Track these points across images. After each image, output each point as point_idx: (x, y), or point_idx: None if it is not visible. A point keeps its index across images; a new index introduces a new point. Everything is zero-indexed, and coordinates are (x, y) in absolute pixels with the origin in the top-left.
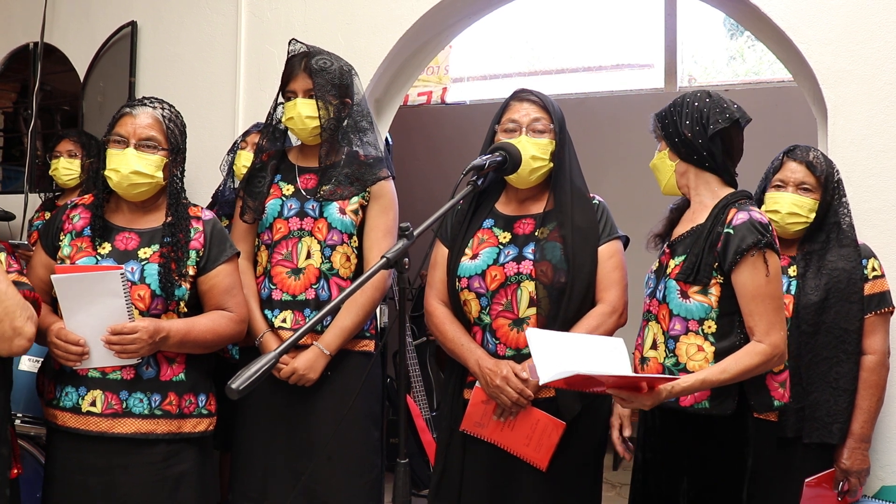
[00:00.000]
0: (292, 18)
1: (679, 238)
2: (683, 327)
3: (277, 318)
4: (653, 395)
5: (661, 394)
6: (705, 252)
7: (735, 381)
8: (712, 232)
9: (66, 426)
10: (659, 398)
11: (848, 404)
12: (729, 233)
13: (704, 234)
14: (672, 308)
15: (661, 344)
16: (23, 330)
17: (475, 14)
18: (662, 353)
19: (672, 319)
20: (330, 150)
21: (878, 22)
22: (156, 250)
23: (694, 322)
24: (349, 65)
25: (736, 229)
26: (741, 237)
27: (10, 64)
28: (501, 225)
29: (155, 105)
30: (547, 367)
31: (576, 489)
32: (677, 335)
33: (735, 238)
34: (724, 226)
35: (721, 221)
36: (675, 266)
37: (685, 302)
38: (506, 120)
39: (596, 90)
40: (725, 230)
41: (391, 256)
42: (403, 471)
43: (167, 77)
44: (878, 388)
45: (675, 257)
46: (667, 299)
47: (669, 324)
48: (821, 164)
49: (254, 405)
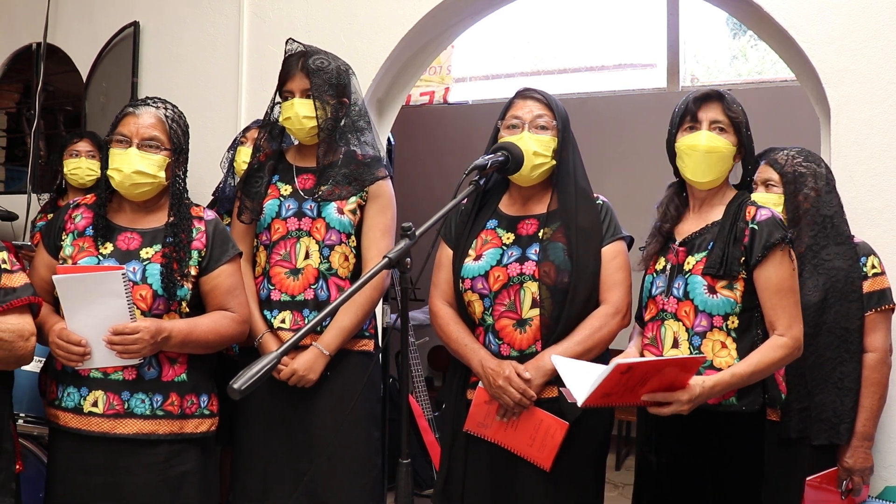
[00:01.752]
0: (294, 18)
1: (693, 236)
2: (709, 323)
3: (276, 318)
4: (688, 392)
5: (695, 390)
6: (730, 247)
7: (763, 377)
8: (734, 227)
9: (68, 426)
10: (694, 394)
11: (854, 404)
12: (754, 228)
13: (727, 229)
14: (698, 304)
15: (685, 341)
16: (25, 356)
17: (477, 14)
18: (686, 350)
19: (698, 316)
20: (328, 149)
21: (881, 21)
22: (158, 250)
23: (719, 318)
24: (346, 64)
25: (761, 225)
26: (768, 232)
27: (14, 64)
28: (505, 226)
29: (158, 105)
30: (580, 387)
31: (579, 489)
32: (703, 331)
33: (762, 233)
34: (748, 222)
35: (741, 217)
36: (697, 262)
37: (712, 297)
38: (509, 116)
39: (598, 90)
40: (751, 226)
41: (393, 256)
42: (406, 471)
43: (170, 77)
44: (881, 386)
45: (693, 254)
46: (690, 296)
47: (695, 320)
48: (786, 162)
49: (254, 405)
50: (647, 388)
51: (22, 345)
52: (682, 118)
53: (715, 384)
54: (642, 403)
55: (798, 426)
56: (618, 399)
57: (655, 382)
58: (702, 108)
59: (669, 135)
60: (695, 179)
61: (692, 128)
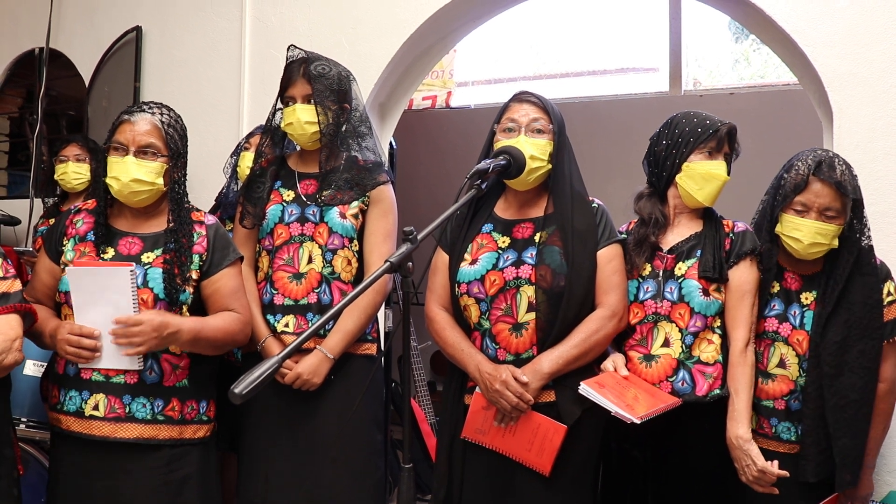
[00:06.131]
0: (296, 23)
1: (679, 244)
2: (703, 324)
3: (280, 322)
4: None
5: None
6: (718, 252)
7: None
8: (717, 236)
9: (69, 430)
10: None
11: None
12: (733, 238)
13: (712, 237)
14: (694, 306)
15: (677, 341)
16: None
17: (479, 18)
18: (678, 349)
19: (693, 317)
20: (329, 155)
21: (884, 24)
22: (159, 254)
23: (711, 318)
24: (347, 70)
25: (738, 235)
26: (742, 242)
27: (16, 69)
28: (500, 230)
29: (154, 111)
30: (626, 407)
31: (577, 493)
32: (696, 332)
33: (737, 242)
34: (727, 233)
35: (721, 228)
36: (690, 268)
37: (706, 299)
38: (505, 120)
39: (601, 94)
40: (730, 235)
41: (395, 260)
42: (408, 475)
43: (172, 82)
44: (887, 417)
45: (684, 261)
46: (685, 298)
47: (689, 321)
48: (850, 182)
49: (257, 409)
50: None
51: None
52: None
53: (744, 419)
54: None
55: (816, 470)
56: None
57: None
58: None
59: (676, 152)
60: (699, 200)
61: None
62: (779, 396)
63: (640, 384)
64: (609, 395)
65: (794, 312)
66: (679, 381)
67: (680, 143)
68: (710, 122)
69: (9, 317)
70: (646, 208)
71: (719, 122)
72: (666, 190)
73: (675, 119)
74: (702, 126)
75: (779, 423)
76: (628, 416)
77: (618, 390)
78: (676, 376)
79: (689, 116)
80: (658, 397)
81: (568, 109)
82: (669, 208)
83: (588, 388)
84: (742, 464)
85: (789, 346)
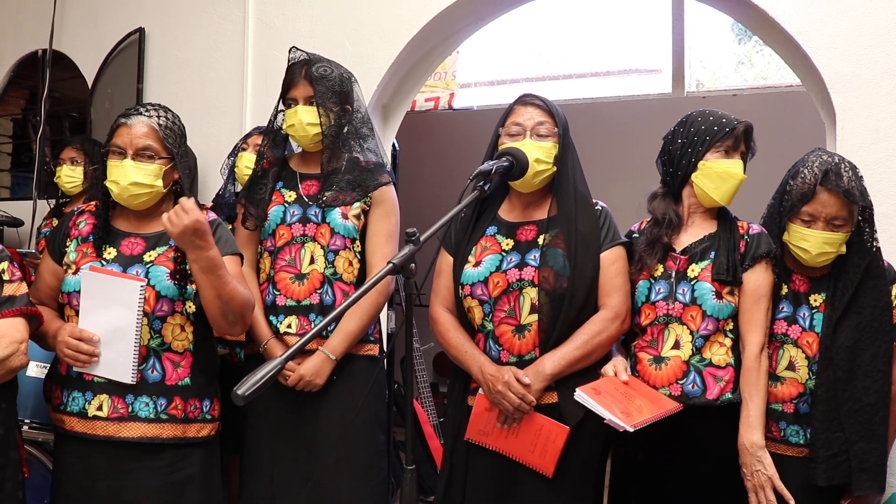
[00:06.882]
0: (299, 24)
1: (693, 245)
2: (715, 327)
3: (282, 323)
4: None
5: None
6: (732, 254)
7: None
8: (732, 238)
9: (73, 431)
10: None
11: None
12: (748, 240)
13: (726, 239)
14: (706, 309)
15: (688, 343)
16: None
17: (482, 19)
18: (688, 351)
19: (705, 320)
20: (331, 156)
21: (887, 26)
22: (161, 252)
23: (723, 321)
24: (349, 72)
25: (753, 237)
26: (757, 245)
27: (19, 71)
28: (504, 232)
29: (150, 113)
30: (621, 415)
31: (580, 495)
32: (707, 335)
33: (752, 244)
34: (742, 234)
35: (735, 230)
36: (703, 270)
37: (719, 302)
38: (510, 123)
39: (604, 95)
40: (745, 237)
41: (397, 262)
42: (410, 477)
43: (175, 83)
44: None
45: (697, 262)
46: (698, 301)
47: (701, 324)
48: (857, 188)
49: (260, 411)
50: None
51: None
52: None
53: (759, 424)
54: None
55: (826, 474)
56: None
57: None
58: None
59: (692, 150)
60: (715, 199)
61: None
62: (788, 400)
63: (640, 389)
64: (603, 402)
65: (804, 315)
66: (689, 384)
67: (696, 141)
68: (727, 120)
69: (15, 320)
70: (659, 208)
71: (735, 121)
72: (681, 189)
73: (690, 117)
74: (718, 124)
75: (787, 427)
76: (621, 423)
77: (615, 396)
78: (686, 379)
79: (704, 115)
80: (658, 403)
81: (571, 111)
82: (684, 208)
83: (583, 394)
84: (751, 469)
85: (799, 349)
